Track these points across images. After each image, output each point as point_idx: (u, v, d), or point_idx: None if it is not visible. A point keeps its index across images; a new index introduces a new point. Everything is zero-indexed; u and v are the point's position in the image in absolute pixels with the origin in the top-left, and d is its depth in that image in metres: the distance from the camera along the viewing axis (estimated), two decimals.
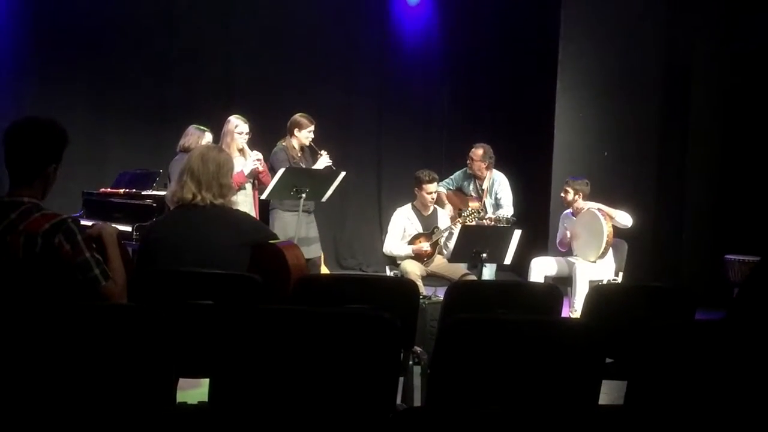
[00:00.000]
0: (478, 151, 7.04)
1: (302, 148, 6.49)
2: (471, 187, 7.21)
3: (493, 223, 6.55)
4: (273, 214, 6.42)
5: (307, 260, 6.51)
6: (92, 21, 9.26)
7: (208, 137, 6.48)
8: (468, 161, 7.12)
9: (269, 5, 9.68)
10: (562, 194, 6.90)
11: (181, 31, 9.48)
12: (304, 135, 6.43)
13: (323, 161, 6.35)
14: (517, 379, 2.48)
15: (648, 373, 2.49)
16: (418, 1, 10.21)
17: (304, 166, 6.36)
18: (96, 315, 2.46)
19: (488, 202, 7.07)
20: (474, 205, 6.90)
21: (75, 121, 8.13)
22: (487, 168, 7.06)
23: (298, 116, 6.49)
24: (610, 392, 3.53)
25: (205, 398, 2.48)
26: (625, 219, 6.66)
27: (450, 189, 7.29)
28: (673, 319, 3.27)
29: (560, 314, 3.66)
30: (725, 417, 2.45)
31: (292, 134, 6.45)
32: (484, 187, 7.14)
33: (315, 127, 6.48)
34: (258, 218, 6.00)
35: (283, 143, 6.47)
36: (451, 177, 7.36)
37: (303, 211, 6.14)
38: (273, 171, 6.09)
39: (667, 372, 2.49)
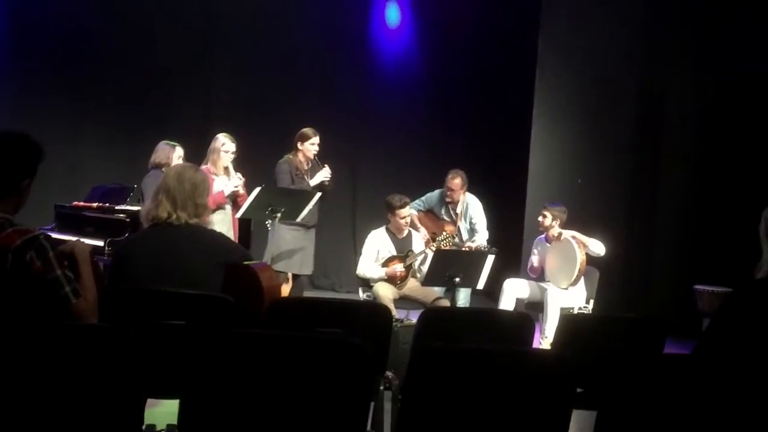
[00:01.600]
0: (456, 181, 7.07)
1: (308, 161, 6.51)
2: (443, 210, 7.23)
3: (474, 251, 6.60)
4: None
5: (297, 276, 6.57)
6: (71, 34, 9.24)
7: (179, 152, 6.48)
8: (447, 191, 7.14)
9: (250, 22, 9.70)
10: (540, 218, 6.92)
11: (160, 45, 9.47)
12: (307, 147, 6.46)
13: (321, 175, 6.39)
14: (488, 408, 2.49)
15: (617, 405, 2.51)
16: (398, 22, 10.27)
17: (308, 179, 6.40)
18: (65, 334, 2.43)
19: (463, 226, 7.10)
20: (449, 228, 6.93)
21: (51, 133, 8.09)
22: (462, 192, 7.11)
23: (304, 129, 6.56)
24: (579, 421, 3.54)
25: (173, 419, 2.46)
26: (598, 248, 6.71)
27: (420, 210, 7.30)
28: (643, 352, 3.30)
29: (532, 343, 3.67)
30: None
31: (297, 147, 6.48)
32: (458, 211, 7.17)
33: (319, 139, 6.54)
34: (237, 238, 6.00)
35: (289, 156, 6.50)
36: (422, 198, 7.37)
37: (301, 225, 6.27)
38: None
39: (637, 404, 2.51)
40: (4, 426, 2.30)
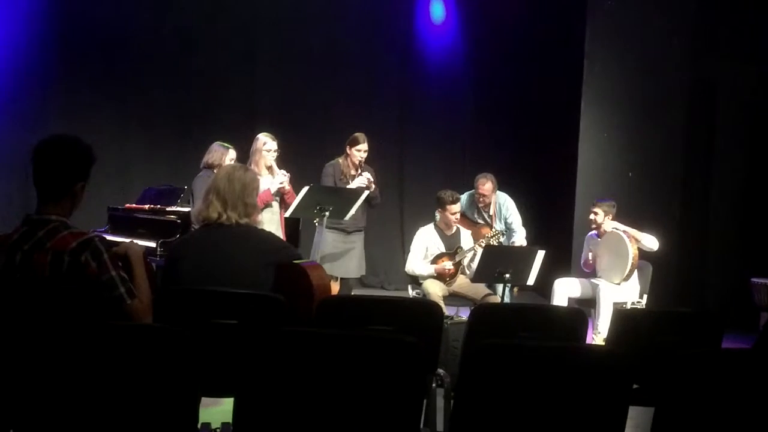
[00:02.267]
0: (487, 186, 7.04)
1: (355, 166, 6.52)
2: (475, 214, 7.18)
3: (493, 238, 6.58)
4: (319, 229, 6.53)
5: (346, 279, 6.59)
6: (116, 37, 9.37)
7: (231, 154, 6.52)
8: (477, 196, 7.10)
9: (293, 22, 9.74)
10: (591, 216, 6.84)
11: (205, 47, 9.57)
12: (354, 152, 6.49)
13: (358, 180, 6.40)
14: (542, 405, 2.46)
15: (675, 402, 2.46)
16: (443, 18, 10.23)
17: (351, 183, 6.42)
18: (121, 334, 2.46)
19: (498, 227, 7.04)
20: (485, 231, 6.88)
21: (100, 137, 8.18)
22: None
23: (356, 133, 6.57)
24: (636, 417, 3.49)
25: (228, 417, 2.47)
26: (651, 242, 6.61)
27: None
28: (700, 348, 3.23)
29: (585, 338, 3.63)
30: None
31: (346, 151, 6.54)
32: (492, 213, 7.13)
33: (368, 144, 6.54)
34: (285, 237, 6.02)
35: (339, 159, 6.57)
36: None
37: (341, 230, 6.28)
38: None
39: (695, 400, 2.46)
40: (64, 426, 2.33)
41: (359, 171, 6.51)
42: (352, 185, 6.38)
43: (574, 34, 8.68)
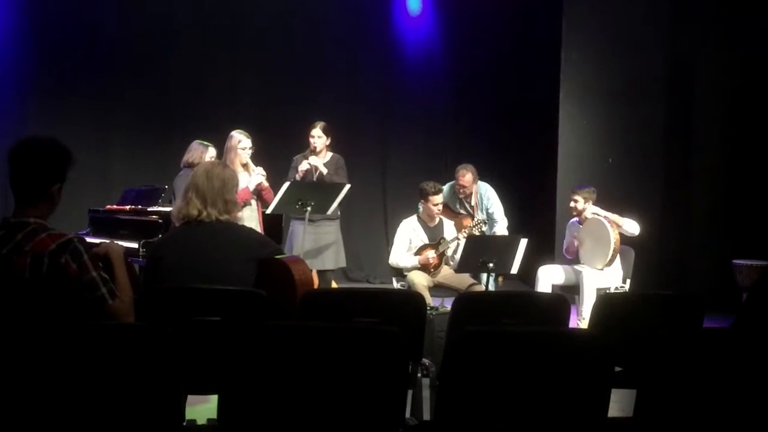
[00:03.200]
0: (467, 177, 7.08)
1: (315, 152, 6.57)
2: (457, 204, 7.22)
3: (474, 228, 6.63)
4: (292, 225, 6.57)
5: (323, 271, 6.59)
6: (95, 37, 9.32)
7: (211, 152, 6.51)
8: (457, 188, 7.13)
9: (272, 18, 9.71)
10: (572, 204, 6.88)
11: (185, 46, 9.52)
12: (310, 139, 6.54)
13: (307, 164, 6.45)
14: (526, 390, 2.47)
15: (657, 382, 2.49)
16: (419, 11, 10.23)
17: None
18: (104, 334, 2.46)
19: (480, 217, 7.07)
20: (467, 222, 6.91)
21: (79, 138, 8.18)
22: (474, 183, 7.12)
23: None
24: (619, 401, 3.51)
25: (214, 414, 2.48)
26: (632, 227, 6.64)
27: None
28: (681, 327, 3.26)
29: (568, 324, 3.65)
30: (735, 425, 2.43)
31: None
32: (473, 203, 7.16)
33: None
34: (264, 233, 6.02)
35: (306, 152, 6.62)
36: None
37: (309, 220, 6.24)
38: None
39: (677, 380, 2.48)
40: (47, 426, 2.33)
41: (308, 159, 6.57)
42: (297, 173, 6.43)
43: (552, 22, 8.70)
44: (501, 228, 7.12)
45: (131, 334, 2.50)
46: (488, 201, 7.14)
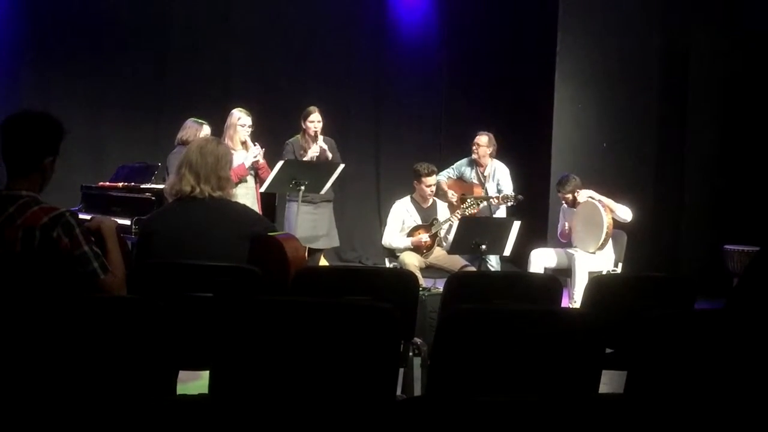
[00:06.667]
0: (483, 138, 7.17)
1: (313, 137, 6.54)
2: (473, 174, 7.25)
3: (500, 202, 6.67)
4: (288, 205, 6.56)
5: (315, 251, 6.59)
6: (90, 14, 9.23)
7: (206, 130, 6.48)
8: (474, 147, 7.19)
9: None
10: (563, 201, 6.93)
11: (179, 24, 9.47)
12: (308, 125, 6.53)
13: (313, 151, 6.43)
14: (516, 369, 2.48)
15: (648, 363, 2.49)
16: None
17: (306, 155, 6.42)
18: (95, 307, 2.45)
19: (490, 187, 7.11)
20: (477, 190, 6.97)
21: (73, 114, 8.13)
22: (490, 156, 7.16)
23: (309, 107, 6.60)
24: (610, 382, 3.53)
25: (206, 390, 2.47)
26: (625, 213, 6.65)
27: (451, 178, 7.33)
28: (672, 309, 3.27)
29: (560, 305, 3.66)
30: (725, 407, 2.44)
31: (302, 126, 6.58)
32: (486, 173, 7.19)
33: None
34: (261, 211, 6.02)
35: (298, 136, 6.61)
36: (453, 166, 7.42)
37: (308, 201, 6.22)
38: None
39: (667, 361, 2.49)
40: (37, 399, 2.33)
41: (316, 142, 6.53)
42: (307, 157, 6.40)
43: (547, 7, 8.68)
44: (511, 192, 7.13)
45: (122, 307, 2.49)
46: (500, 175, 7.18)
